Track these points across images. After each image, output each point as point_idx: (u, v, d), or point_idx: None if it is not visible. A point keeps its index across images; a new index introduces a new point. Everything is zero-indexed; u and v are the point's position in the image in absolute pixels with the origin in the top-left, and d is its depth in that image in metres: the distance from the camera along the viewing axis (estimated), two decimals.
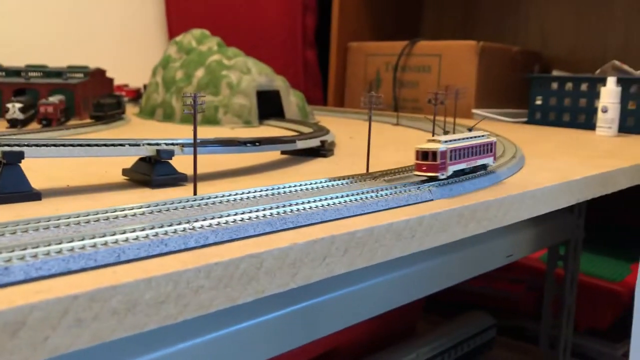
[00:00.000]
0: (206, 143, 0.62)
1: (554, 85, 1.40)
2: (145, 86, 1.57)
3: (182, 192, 0.55)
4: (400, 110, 1.66)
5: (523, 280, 1.51)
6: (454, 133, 0.94)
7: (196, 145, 0.52)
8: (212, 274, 0.36)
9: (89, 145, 0.54)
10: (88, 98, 1.25)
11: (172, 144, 0.58)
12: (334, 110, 1.61)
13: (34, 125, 1.09)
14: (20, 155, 0.49)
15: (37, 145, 0.51)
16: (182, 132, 1.08)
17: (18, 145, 0.50)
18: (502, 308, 1.51)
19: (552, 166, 0.77)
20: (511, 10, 1.92)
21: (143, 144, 0.57)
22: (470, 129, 0.67)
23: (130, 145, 0.56)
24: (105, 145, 0.55)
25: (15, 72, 1.21)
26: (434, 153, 0.56)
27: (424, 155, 0.56)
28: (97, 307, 0.31)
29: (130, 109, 1.47)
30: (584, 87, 1.35)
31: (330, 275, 0.42)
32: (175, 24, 2.04)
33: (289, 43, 1.81)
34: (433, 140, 0.57)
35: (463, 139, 0.60)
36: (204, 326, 0.45)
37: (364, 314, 0.60)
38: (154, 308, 0.33)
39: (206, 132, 1.06)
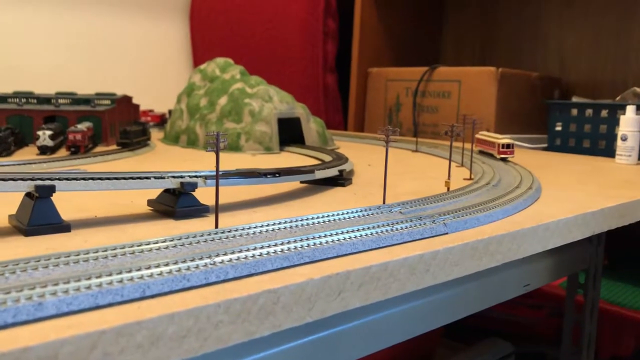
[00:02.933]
0: (228, 175, 0.64)
1: (574, 112, 1.40)
2: (169, 112, 1.61)
3: (204, 223, 0.57)
4: (420, 135, 1.68)
5: (543, 306, 1.50)
6: (472, 160, 0.96)
7: (218, 179, 0.54)
8: (231, 309, 0.37)
9: (116, 178, 0.56)
10: (115, 124, 1.29)
11: (196, 177, 0.61)
12: (354, 136, 1.63)
13: (63, 151, 1.12)
14: (52, 189, 0.52)
15: (67, 179, 0.54)
16: (205, 158, 1.11)
17: (50, 179, 0.53)
18: (521, 334, 1.50)
19: (568, 197, 0.77)
20: (529, 36, 1.93)
21: (168, 177, 0.59)
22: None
23: (155, 178, 0.58)
24: (132, 178, 0.57)
25: (45, 99, 1.26)
26: (512, 145, 1.05)
27: (507, 145, 1.04)
28: (123, 342, 0.33)
29: (155, 134, 1.51)
30: (604, 113, 1.35)
31: (345, 310, 0.44)
32: (200, 51, 2.09)
33: (310, 69, 1.84)
34: (502, 138, 1.06)
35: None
36: (222, 357, 0.46)
37: (381, 343, 0.61)
38: (177, 342, 0.35)
39: (228, 159, 1.09)
